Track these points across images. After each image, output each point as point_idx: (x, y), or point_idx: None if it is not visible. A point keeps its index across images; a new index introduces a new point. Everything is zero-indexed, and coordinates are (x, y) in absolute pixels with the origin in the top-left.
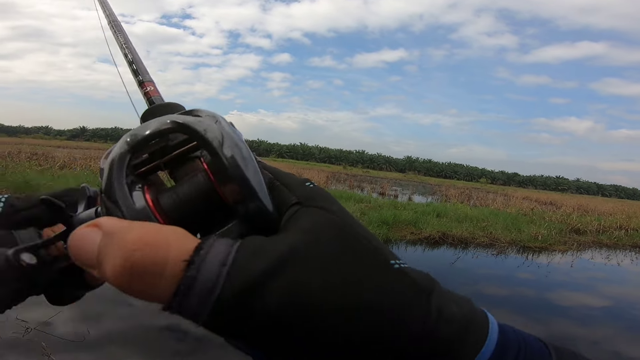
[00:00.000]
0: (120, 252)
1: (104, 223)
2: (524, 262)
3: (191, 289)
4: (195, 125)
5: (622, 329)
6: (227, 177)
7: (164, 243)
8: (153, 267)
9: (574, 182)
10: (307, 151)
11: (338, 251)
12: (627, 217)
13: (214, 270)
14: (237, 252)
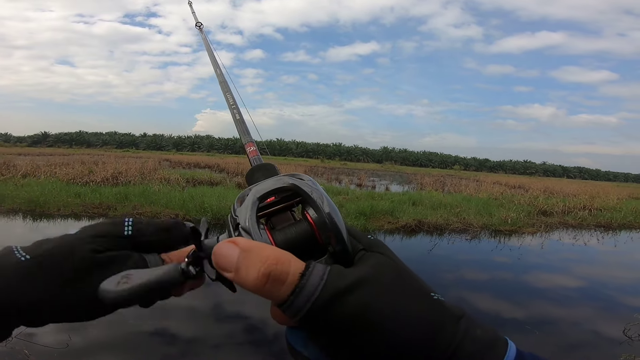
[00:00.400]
0: (260, 264)
1: (241, 241)
2: (497, 245)
3: (301, 292)
4: (305, 188)
5: (599, 309)
6: (326, 228)
7: (287, 261)
8: (281, 276)
9: (541, 166)
10: (284, 146)
11: (393, 283)
12: (591, 197)
13: (316, 282)
14: (329, 273)
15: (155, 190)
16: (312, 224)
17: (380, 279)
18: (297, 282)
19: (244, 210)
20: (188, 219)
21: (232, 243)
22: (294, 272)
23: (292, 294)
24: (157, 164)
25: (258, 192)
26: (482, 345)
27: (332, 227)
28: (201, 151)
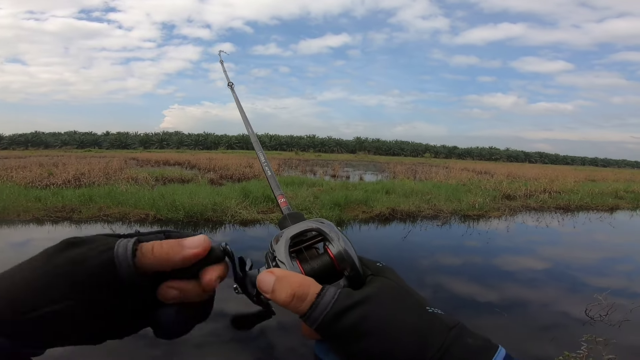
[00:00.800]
0: (289, 287)
1: (276, 271)
2: (466, 230)
3: (317, 307)
4: (325, 229)
5: (564, 290)
6: (344, 260)
7: (308, 285)
8: (302, 296)
9: (505, 152)
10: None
11: (390, 299)
12: (550, 180)
13: (328, 300)
14: (339, 294)
15: (123, 191)
16: (331, 256)
17: (380, 296)
18: (314, 300)
19: (279, 247)
20: (159, 218)
21: (270, 272)
22: (313, 292)
23: (310, 308)
24: (123, 163)
25: (290, 233)
26: (471, 352)
27: (347, 259)
28: (170, 148)
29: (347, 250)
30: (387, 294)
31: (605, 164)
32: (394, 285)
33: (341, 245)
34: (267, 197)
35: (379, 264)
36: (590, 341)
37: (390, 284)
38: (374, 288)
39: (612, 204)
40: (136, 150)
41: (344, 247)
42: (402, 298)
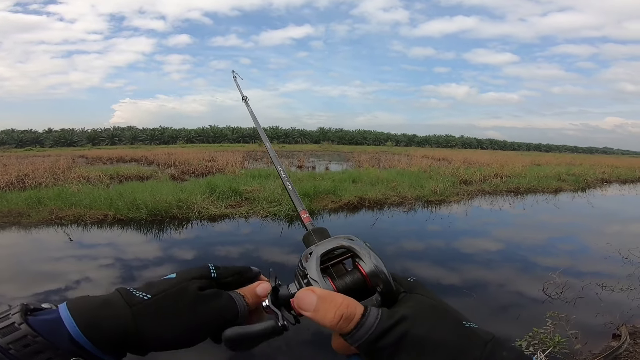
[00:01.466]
0: (335, 308)
1: (317, 289)
2: (430, 215)
3: (362, 327)
4: (356, 247)
5: (517, 270)
6: (377, 277)
7: (354, 306)
8: (349, 317)
9: (460, 139)
10: (219, 133)
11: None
12: (501, 166)
13: (372, 321)
14: (381, 314)
15: (75, 191)
16: (363, 273)
17: (417, 315)
18: (359, 320)
19: (310, 264)
20: (119, 218)
21: (311, 291)
22: (358, 313)
23: (355, 328)
24: (71, 162)
25: (320, 251)
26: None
27: (380, 276)
28: (123, 144)
29: (379, 267)
30: (425, 312)
31: (547, 149)
32: (430, 302)
33: (373, 262)
34: (235, 191)
35: (410, 279)
36: (554, 317)
37: (427, 301)
38: (412, 307)
39: (555, 186)
40: (84, 147)
41: (375, 264)
42: (440, 315)
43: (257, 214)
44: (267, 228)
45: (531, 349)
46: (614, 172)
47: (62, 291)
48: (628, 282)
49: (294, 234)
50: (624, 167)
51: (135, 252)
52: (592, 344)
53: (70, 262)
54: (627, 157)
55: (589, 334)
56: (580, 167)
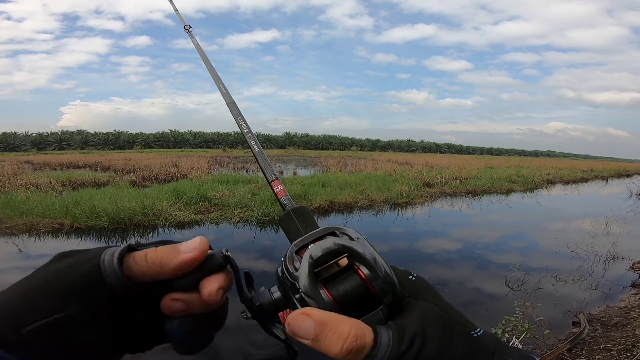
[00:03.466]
0: (342, 340)
1: (314, 314)
2: (396, 217)
3: (375, 357)
4: (357, 248)
5: (474, 267)
6: (382, 283)
7: (362, 335)
8: (359, 349)
9: (420, 144)
10: (180, 137)
11: (437, 332)
12: (459, 168)
13: (384, 349)
14: (393, 339)
15: (24, 199)
16: (366, 280)
17: (427, 330)
18: (370, 351)
19: (302, 275)
20: (77, 227)
21: (306, 315)
22: (368, 343)
23: (367, 357)
24: (16, 168)
25: (313, 257)
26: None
27: (390, 287)
28: (72, 149)
29: (388, 275)
30: (435, 327)
31: (498, 152)
32: (439, 313)
33: (380, 268)
34: (203, 197)
35: (412, 277)
36: (522, 306)
37: (436, 311)
38: (420, 319)
39: (507, 187)
40: (28, 152)
41: (383, 270)
42: (450, 329)
43: (228, 220)
44: (239, 234)
45: (506, 335)
46: (557, 173)
47: None
48: (579, 274)
49: (267, 239)
50: (566, 168)
51: None
52: (556, 331)
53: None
54: (568, 160)
55: (551, 322)
56: (528, 169)
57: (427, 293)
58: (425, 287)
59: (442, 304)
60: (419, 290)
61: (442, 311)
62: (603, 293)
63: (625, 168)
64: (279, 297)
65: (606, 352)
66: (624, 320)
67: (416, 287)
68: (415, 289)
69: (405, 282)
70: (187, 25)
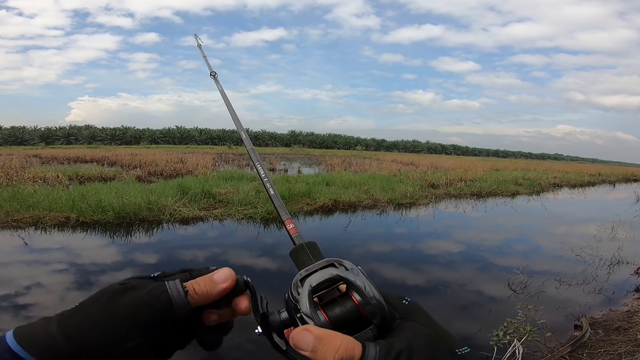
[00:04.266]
0: (334, 352)
1: (313, 330)
2: (400, 218)
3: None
4: (350, 277)
5: (476, 270)
6: (372, 306)
7: (353, 348)
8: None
9: (426, 144)
10: (186, 134)
11: (426, 351)
12: (465, 170)
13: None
14: (379, 353)
15: (31, 192)
16: (358, 305)
17: (413, 347)
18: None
19: (303, 298)
20: (83, 221)
21: (307, 331)
22: (357, 354)
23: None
24: (25, 162)
25: (312, 284)
26: None
27: (377, 309)
28: (80, 144)
29: (376, 299)
30: (420, 345)
31: (504, 155)
32: (425, 332)
33: (369, 294)
34: (208, 194)
35: (405, 302)
36: (524, 308)
37: (422, 331)
38: (407, 338)
39: (513, 190)
40: (36, 146)
41: (372, 296)
42: (435, 347)
43: (232, 217)
44: (243, 231)
45: (508, 337)
46: (564, 177)
47: (11, 297)
48: (582, 278)
49: (270, 237)
50: (573, 172)
51: (102, 257)
52: (558, 334)
53: (35, 268)
54: (576, 163)
55: (553, 325)
56: (535, 172)
57: (418, 315)
58: (417, 310)
59: (430, 324)
60: (411, 313)
61: (429, 331)
62: (606, 297)
63: (633, 173)
64: (286, 317)
65: (607, 355)
66: (626, 325)
67: (408, 310)
68: (407, 312)
69: (399, 305)
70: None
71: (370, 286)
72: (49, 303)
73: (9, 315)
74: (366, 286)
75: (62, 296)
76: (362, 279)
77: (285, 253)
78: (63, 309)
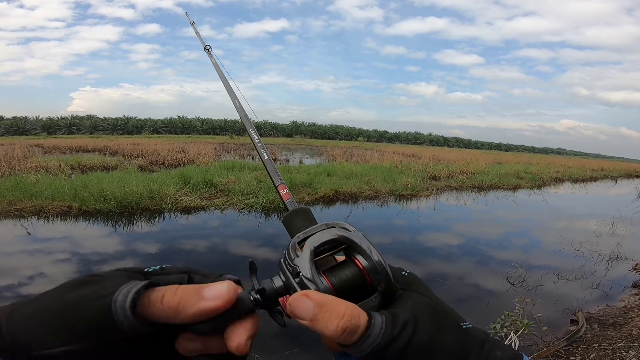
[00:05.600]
0: (338, 320)
1: (313, 295)
2: (401, 209)
3: (367, 339)
4: (355, 239)
5: (475, 263)
6: (377, 273)
7: (358, 316)
8: (354, 329)
9: (428, 137)
10: (188, 124)
11: (429, 322)
12: (466, 163)
13: (377, 332)
14: (386, 322)
15: (34, 182)
16: (362, 269)
17: (418, 318)
18: (364, 332)
19: (303, 261)
20: (86, 210)
21: (306, 296)
22: (362, 323)
23: (359, 340)
24: (27, 151)
25: (313, 244)
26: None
27: (382, 274)
28: (82, 133)
29: (381, 263)
30: (426, 315)
31: (507, 148)
32: (430, 303)
33: (374, 258)
34: (209, 183)
35: (404, 273)
36: (521, 302)
37: (427, 302)
38: (412, 308)
39: (515, 183)
40: (39, 136)
41: (377, 260)
42: (441, 318)
43: (233, 206)
44: (244, 220)
45: (505, 330)
46: (566, 171)
47: (15, 287)
48: (581, 273)
49: (271, 226)
50: (576, 167)
51: (104, 246)
52: (554, 328)
53: (38, 257)
54: (579, 158)
55: (549, 319)
56: (537, 166)
57: (419, 286)
58: (417, 281)
59: (432, 296)
60: (411, 284)
61: (433, 302)
62: (603, 292)
63: (636, 169)
64: (280, 285)
65: (601, 350)
66: (622, 320)
67: (409, 281)
68: (407, 283)
69: (399, 277)
70: (207, 46)
71: (376, 252)
72: None
73: None
74: (372, 250)
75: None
76: (367, 244)
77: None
78: None
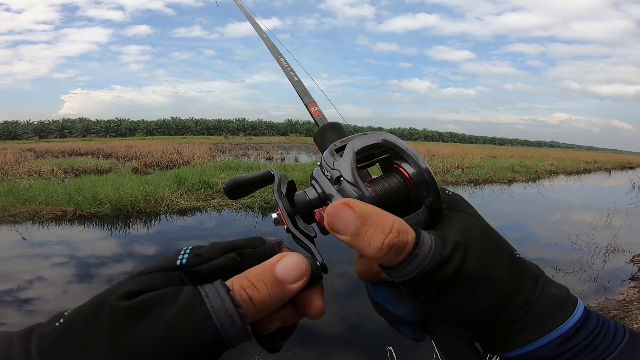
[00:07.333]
0: (384, 235)
1: (356, 205)
2: None
3: (414, 260)
4: (400, 144)
5: None
6: (424, 182)
7: (405, 232)
8: (401, 246)
9: (422, 132)
10: (181, 125)
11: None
12: (461, 157)
13: (426, 252)
14: (435, 242)
15: (27, 186)
16: (408, 178)
17: (471, 242)
18: (411, 251)
19: (345, 163)
20: (80, 214)
21: (347, 206)
22: (410, 241)
23: (405, 261)
24: (19, 156)
25: (355, 147)
26: (555, 303)
27: (431, 184)
28: (74, 137)
29: (430, 172)
30: (477, 238)
31: (501, 142)
32: (482, 225)
33: (422, 165)
34: (205, 184)
35: (447, 191)
36: None
37: (477, 223)
38: (461, 229)
39: (510, 177)
40: (30, 140)
41: (426, 168)
42: (493, 243)
43: (229, 207)
44: (241, 220)
45: None
46: (560, 164)
47: (13, 291)
48: (578, 266)
49: (268, 226)
50: (569, 159)
51: (101, 249)
52: None
53: (34, 262)
54: (572, 151)
55: None
56: (531, 159)
57: (466, 206)
58: (464, 201)
59: (481, 219)
60: (458, 204)
61: (485, 224)
62: (602, 285)
63: (629, 160)
64: (315, 197)
65: None
66: (621, 314)
67: (454, 201)
68: (453, 203)
69: (443, 195)
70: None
71: (422, 160)
72: (51, 297)
73: (12, 309)
74: (418, 156)
75: (64, 289)
76: (412, 151)
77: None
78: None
